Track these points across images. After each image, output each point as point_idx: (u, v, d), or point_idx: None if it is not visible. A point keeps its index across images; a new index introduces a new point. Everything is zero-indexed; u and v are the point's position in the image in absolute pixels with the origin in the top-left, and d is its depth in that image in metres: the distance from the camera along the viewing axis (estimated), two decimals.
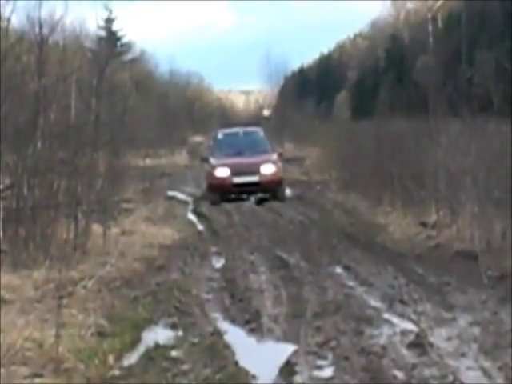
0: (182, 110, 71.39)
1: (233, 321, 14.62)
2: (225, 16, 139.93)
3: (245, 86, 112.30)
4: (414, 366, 11.18)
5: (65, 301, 12.79)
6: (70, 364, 11.18)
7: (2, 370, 10.27)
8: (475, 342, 12.26)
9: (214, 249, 22.04)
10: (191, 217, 29.22)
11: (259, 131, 32.69)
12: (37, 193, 19.43)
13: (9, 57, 21.27)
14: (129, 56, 61.52)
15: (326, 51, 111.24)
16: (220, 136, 31.67)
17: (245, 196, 27.52)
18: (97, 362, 11.73)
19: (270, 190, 26.64)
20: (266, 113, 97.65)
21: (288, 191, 35.50)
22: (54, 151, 20.43)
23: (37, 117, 20.07)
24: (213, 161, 28.52)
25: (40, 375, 10.50)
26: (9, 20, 22.96)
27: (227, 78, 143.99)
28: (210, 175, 28.42)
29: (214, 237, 24.25)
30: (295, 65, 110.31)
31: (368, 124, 46.17)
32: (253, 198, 33.63)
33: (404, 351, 12.05)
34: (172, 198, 34.25)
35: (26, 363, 10.87)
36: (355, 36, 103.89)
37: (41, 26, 21.83)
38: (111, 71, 30.45)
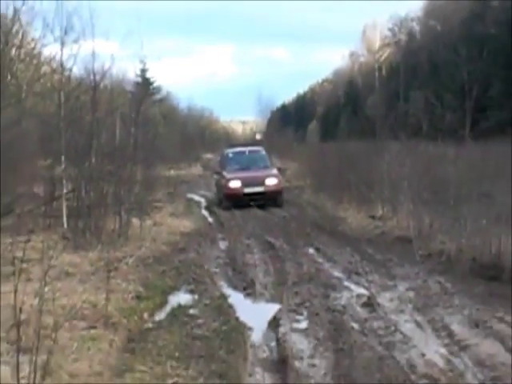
0: (196, 135, 71.23)
1: (234, 287, 14.84)
2: (228, 67, 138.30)
3: (243, 117, 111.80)
4: (366, 320, 11.56)
5: (112, 273, 12.97)
6: (116, 319, 11.51)
7: (66, 324, 10.30)
8: (410, 302, 12.54)
9: (220, 235, 22.10)
10: (204, 212, 29.18)
11: (261, 150, 31.27)
12: (91, 195, 19.65)
13: (71, 97, 21.57)
14: (158, 96, 61.04)
15: (301, 92, 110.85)
16: (230, 154, 29.72)
17: (252, 203, 25.88)
18: (135, 317, 12.09)
19: (272, 198, 25.57)
20: (258, 137, 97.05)
21: None
22: (104, 165, 20.64)
23: (91, 141, 20.24)
24: (226, 174, 26.85)
25: (94, 327, 10.72)
26: (71, 70, 23.14)
27: (230, 111, 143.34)
28: (225, 186, 26.71)
29: (220, 227, 24.28)
30: (279, 102, 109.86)
31: (332, 145, 46.81)
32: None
33: (359, 309, 12.27)
34: (190, 199, 34.12)
35: (84, 319, 11.10)
36: (323, 81, 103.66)
37: (94, 75, 21.88)
38: (145, 107, 30.67)
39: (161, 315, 12.51)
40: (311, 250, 18.12)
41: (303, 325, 11.41)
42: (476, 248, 14.82)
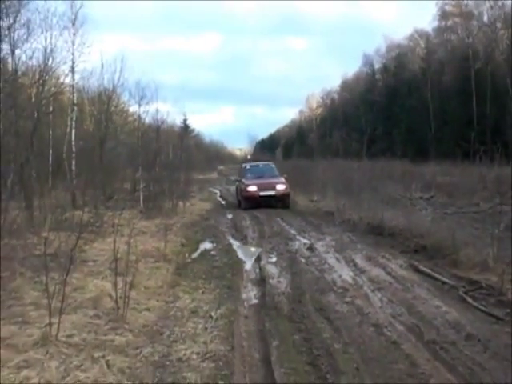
0: (214, 155, 70.55)
1: (236, 239, 14.53)
2: (231, 117, 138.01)
3: (239, 145, 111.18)
4: (308, 257, 11.42)
5: (168, 232, 12.70)
6: (170, 257, 11.40)
7: (142, 260, 10.25)
8: (333, 247, 12.36)
9: (227, 211, 21.87)
10: (219, 199, 28.83)
11: (271, 164, 25.86)
12: (156, 188, 19.50)
13: (144, 134, 21.51)
14: (193, 134, 60.42)
15: (273, 132, 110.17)
16: (248, 167, 24.79)
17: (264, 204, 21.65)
18: (181, 256, 11.89)
19: (281, 200, 21.54)
20: (249, 157, 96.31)
21: None
22: (162, 172, 20.46)
23: (155, 158, 20.10)
24: (245, 181, 22.40)
25: (158, 261, 10.57)
26: (144, 119, 23.15)
27: (233, 142, 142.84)
28: (244, 190, 22.02)
29: (228, 207, 24.01)
30: (260, 137, 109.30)
31: (290, 161, 45.95)
32: None
33: (304, 251, 12.08)
34: (210, 191, 33.69)
35: (153, 256, 11.01)
36: (284, 127, 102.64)
37: (157, 121, 21.90)
38: (186, 140, 30.36)
39: (195, 255, 12.28)
40: (278, 219, 17.89)
41: (274, 259, 11.24)
42: (369, 217, 14.73)
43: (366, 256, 11.11)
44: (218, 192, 32.48)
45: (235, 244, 13.76)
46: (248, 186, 21.92)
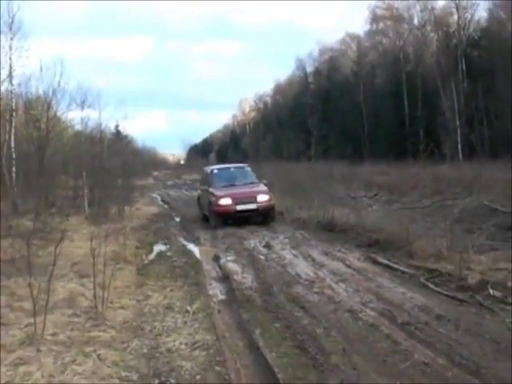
0: (148, 161, 69.90)
1: (188, 241, 14.57)
2: (163, 122, 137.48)
3: (172, 151, 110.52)
4: (267, 254, 11.70)
5: (119, 236, 12.69)
6: (129, 258, 11.46)
7: (102, 260, 10.32)
8: (288, 244, 12.67)
9: (174, 214, 21.83)
10: (161, 203, 28.34)
11: (246, 166, 19.89)
12: (101, 194, 19.34)
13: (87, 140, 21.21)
14: (127, 139, 59.59)
15: (205, 137, 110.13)
16: (215, 171, 18.99)
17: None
18: (139, 258, 11.91)
19: (264, 215, 16.60)
20: (182, 162, 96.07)
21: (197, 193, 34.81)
22: (106, 177, 20.29)
23: (99, 163, 19.98)
24: (214, 191, 17.08)
25: (118, 263, 10.50)
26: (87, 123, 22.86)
27: (165, 147, 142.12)
28: (215, 204, 16.54)
29: (172, 210, 23.74)
30: (193, 142, 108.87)
31: None
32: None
33: (261, 249, 12.34)
34: (151, 196, 33.12)
35: (112, 258, 10.91)
36: (217, 131, 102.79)
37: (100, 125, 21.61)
38: (120, 145, 29.95)
39: (151, 256, 12.37)
40: (229, 220, 17.95)
41: (232, 258, 11.40)
42: (319, 215, 15.11)
43: (322, 251, 11.48)
44: (158, 197, 32.00)
45: (189, 245, 13.83)
46: (220, 198, 16.59)
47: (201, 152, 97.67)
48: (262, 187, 17.35)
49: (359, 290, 8.03)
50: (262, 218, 16.58)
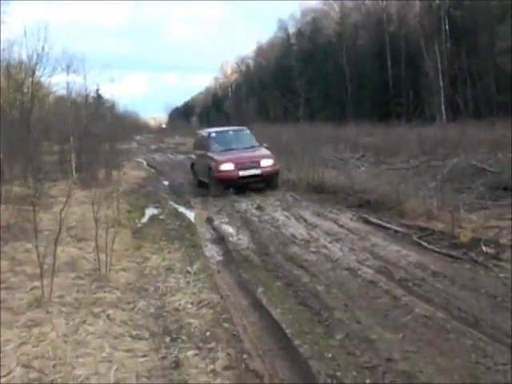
0: (130, 125, 69.15)
1: (179, 204, 14.63)
2: (144, 86, 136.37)
3: (153, 114, 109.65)
4: (259, 215, 11.80)
5: (108, 200, 12.65)
6: (123, 222, 11.48)
7: (98, 224, 10.36)
8: (279, 206, 12.76)
9: (161, 178, 21.80)
10: (147, 167, 27.80)
11: (246, 129, 18.01)
12: (88, 158, 19.29)
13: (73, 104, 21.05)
14: (109, 103, 58.67)
15: (187, 100, 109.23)
16: (213, 134, 17.28)
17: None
18: (132, 221, 11.98)
19: (268, 181, 15.44)
20: (164, 126, 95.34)
21: (184, 156, 34.56)
22: (92, 141, 20.22)
23: (86, 128, 19.88)
24: (214, 156, 15.79)
25: (113, 226, 10.55)
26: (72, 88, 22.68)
27: (147, 111, 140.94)
28: (215, 170, 15.21)
29: (160, 174, 23.53)
30: (175, 105, 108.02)
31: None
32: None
33: (254, 211, 12.44)
34: (136, 160, 32.69)
35: (107, 222, 10.96)
36: (199, 94, 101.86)
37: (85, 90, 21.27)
38: (102, 110, 29.66)
39: (144, 220, 12.43)
40: None
41: (225, 220, 11.54)
42: (308, 177, 15.24)
43: (313, 212, 11.64)
44: (143, 161, 31.77)
45: (181, 208, 13.92)
46: (221, 163, 15.38)
47: (182, 115, 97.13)
48: (265, 151, 16.22)
49: (354, 248, 8.23)
50: (265, 184, 15.60)
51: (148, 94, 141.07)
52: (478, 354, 4.28)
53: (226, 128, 18.97)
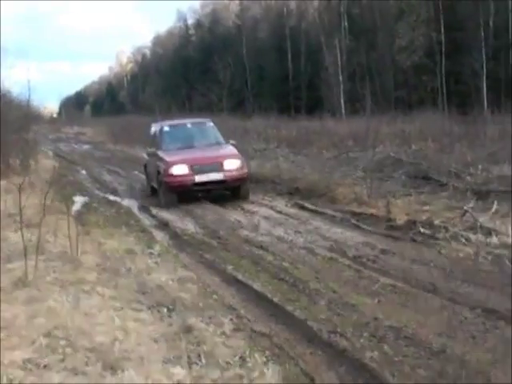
0: (23, 115, 66.20)
1: (106, 192, 14.89)
2: (35, 74, 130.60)
3: (45, 103, 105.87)
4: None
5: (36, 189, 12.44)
6: (60, 209, 11.12)
7: (33, 211, 10.33)
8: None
9: (77, 168, 21.59)
10: (57, 157, 26.76)
11: (208, 121, 14.48)
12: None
13: None
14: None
15: (80, 89, 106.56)
16: (166, 128, 14.05)
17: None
18: (65, 209, 11.90)
19: (234, 187, 12.49)
20: (55, 115, 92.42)
21: (89, 146, 34.34)
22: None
23: None
24: (164, 156, 12.75)
25: (52, 214, 10.23)
26: None
27: (38, 100, 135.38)
28: (165, 173, 12.19)
29: (73, 164, 22.96)
30: (67, 94, 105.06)
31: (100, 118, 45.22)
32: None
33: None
34: (43, 150, 31.68)
35: (40, 211, 10.96)
36: (92, 83, 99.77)
37: None
38: None
39: (78, 208, 12.39)
40: (137, 172, 18.23)
41: (161, 208, 11.97)
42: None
43: (247, 200, 12.23)
44: (50, 151, 31.14)
45: (110, 197, 14.13)
46: (172, 164, 12.34)
47: (75, 105, 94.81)
48: (231, 149, 13.13)
49: (300, 231, 8.96)
50: (232, 192, 12.71)
51: (39, 82, 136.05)
52: (449, 312, 5.12)
53: (183, 121, 15.45)
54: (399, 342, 4.51)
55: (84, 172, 19.91)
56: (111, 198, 14.01)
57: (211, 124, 14.32)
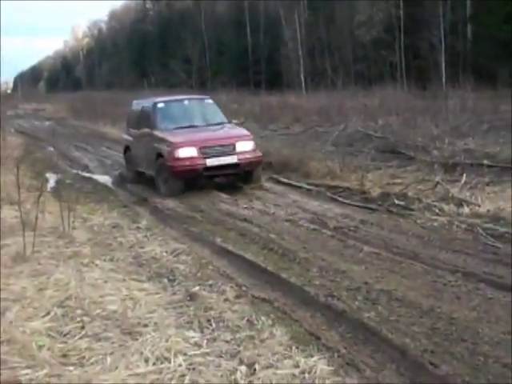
0: None
1: (77, 169, 14.76)
2: None
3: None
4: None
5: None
6: (34, 186, 11.26)
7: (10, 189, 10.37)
8: None
9: (43, 144, 21.28)
10: (21, 134, 26.34)
11: (207, 98, 12.80)
12: None
13: None
14: None
15: (34, 64, 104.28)
16: (160, 104, 11.94)
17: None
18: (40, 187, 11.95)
19: (247, 173, 11.01)
20: (9, 92, 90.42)
21: (51, 122, 33.87)
22: None
23: None
24: (166, 136, 10.96)
25: (29, 191, 10.19)
26: None
27: None
28: (170, 156, 10.50)
29: (39, 141, 22.41)
30: (20, 69, 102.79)
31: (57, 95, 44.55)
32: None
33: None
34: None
35: (15, 187, 10.97)
36: (46, 58, 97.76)
37: None
38: None
39: (52, 184, 12.49)
40: (105, 148, 18.31)
41: (135, 184, 12.21)
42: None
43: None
44: (12, 128, 30.56)
45: (82, 173, 14.08)
46: (179, 146, 10.71)
47: (31, 80, 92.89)
48: (241, 130, 12.00)
49: (280, 205, 9.34)
50: (243, 178, 11.30)
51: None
52: (432, 276, 5.56)
53: (179, 97, 13.60)
54: (391, 303, 4.93)
55: (51, 149, 19.76)
56: (85, 174, 14.03)
57: (210, 101, 12.70)
